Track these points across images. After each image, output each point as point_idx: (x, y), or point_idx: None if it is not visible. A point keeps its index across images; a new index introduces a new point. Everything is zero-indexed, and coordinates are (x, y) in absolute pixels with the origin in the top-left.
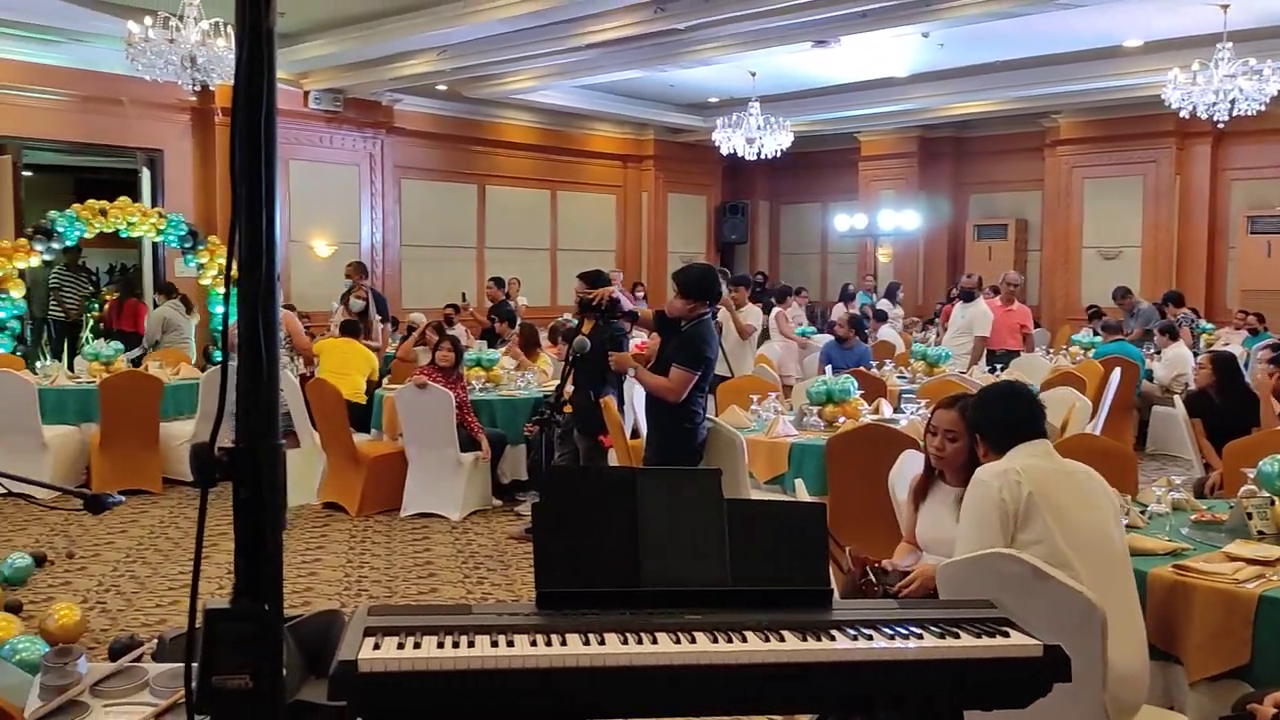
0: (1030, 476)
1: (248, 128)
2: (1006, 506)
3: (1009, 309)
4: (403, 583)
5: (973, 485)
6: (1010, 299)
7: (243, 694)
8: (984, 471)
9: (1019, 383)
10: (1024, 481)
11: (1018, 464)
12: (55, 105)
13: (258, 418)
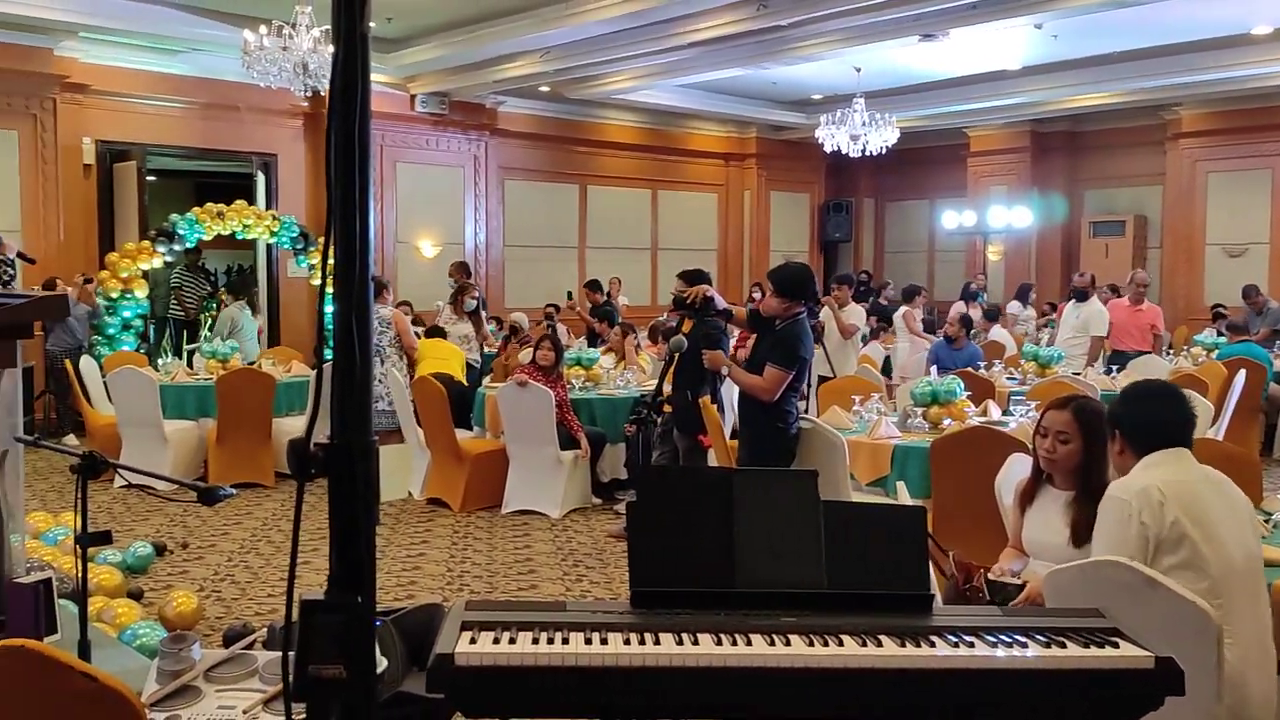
0: (1174, 494)
1: (343, 130)
2: (1147, 530)
3: (1137, 309)
4: (503, 578)
5: (1107, 501)
6: (1139, 298)
7: (337, 683)
8: (1121, 489)
9: (1173, 384)
10: (1167, 503)
11: (1158, 479)
12: (176, 113)
13: (351, 414)
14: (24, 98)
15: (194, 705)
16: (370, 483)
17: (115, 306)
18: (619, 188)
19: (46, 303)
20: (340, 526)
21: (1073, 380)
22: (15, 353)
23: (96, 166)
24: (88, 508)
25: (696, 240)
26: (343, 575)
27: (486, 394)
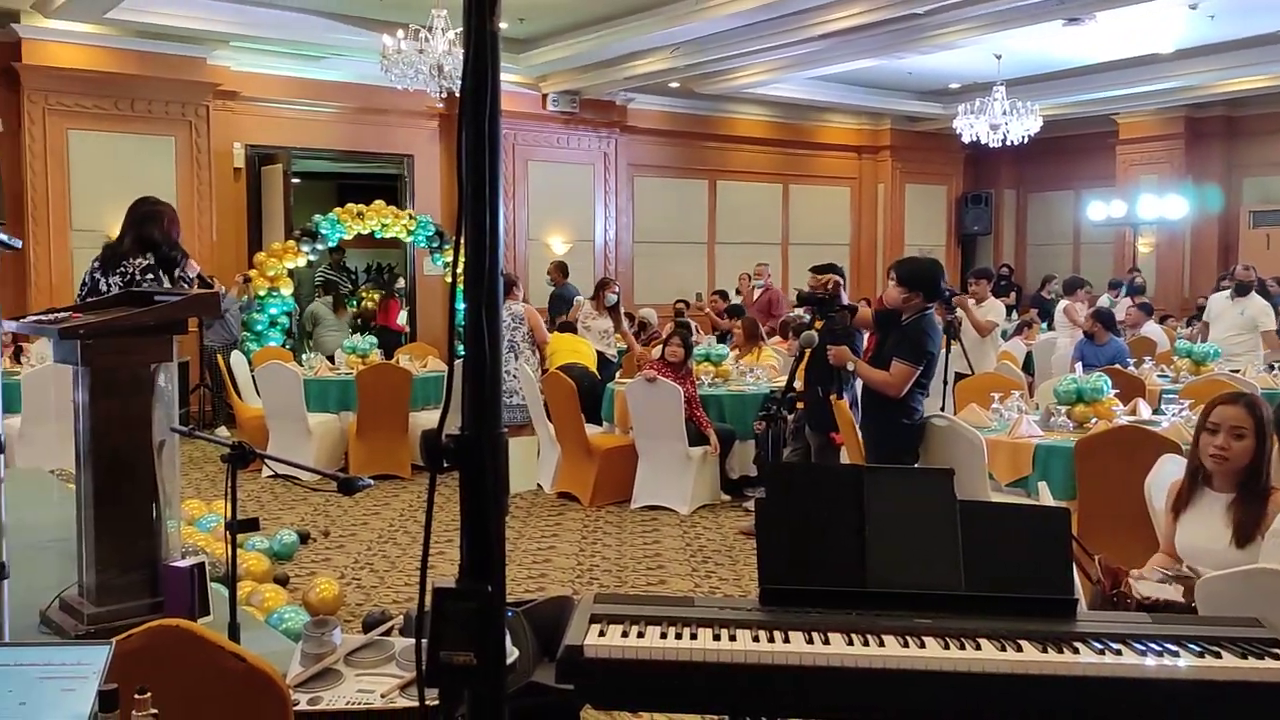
0: None
1: (473, 127)
2: None
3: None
4: (632, 573)
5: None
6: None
7: (468, 670)
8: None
9: None
10: None
11: None
12: (319, 116)
13: (481, 407)
14: (180, 105)
15: (334, 688)
16: (499, 474)
17: (263, 304)
18: (749, 182)
19: (199, 301)
20: (470, 516)
21: (1230, 378)
22: (172, 348)
23: (246, 170)
24: (237, 496)
25: (828, 235)
26: (473, 564)
27: (615, 390)
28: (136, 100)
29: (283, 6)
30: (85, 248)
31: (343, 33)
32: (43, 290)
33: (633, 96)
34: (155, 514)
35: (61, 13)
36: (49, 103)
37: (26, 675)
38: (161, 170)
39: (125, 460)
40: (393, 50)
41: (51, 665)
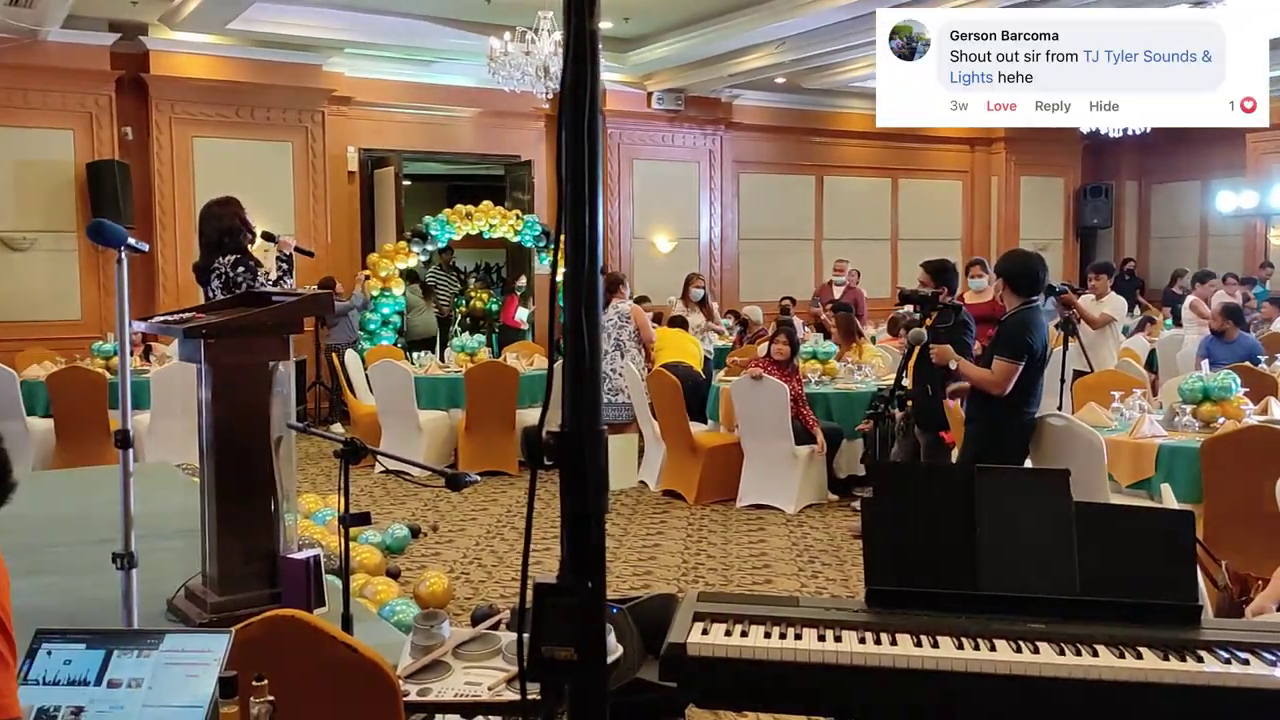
0: None
1: (573, 126)
2: None
3: None
4: (737, 572)
5: None
6: None
7: (569, 664)
8: None
9: None
10: None
11: None
12: (429, 119)
13: (581, 404)
14: (297, 111)
15: (443, 680)
16: (598, 471)
17: (375, 304)
18: (857, 177)
19: (314, 300)
20: (571, 512)
21: None
22: (289, 346)
23: (359, 173)
24: (350, 491)
25: (939, 230)
26: (574, 560)
27: (720, 388)
28: (256, 108)
29: (394, 13)
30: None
31: (451, 37)
32: (169, 292)
33: (738, 93)
34: (274, 507)
35: (186, 24)
36: (175, 111)
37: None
38: (279, 174)
39: (245, 455)
40: (499, 53)
41: (175, 652)
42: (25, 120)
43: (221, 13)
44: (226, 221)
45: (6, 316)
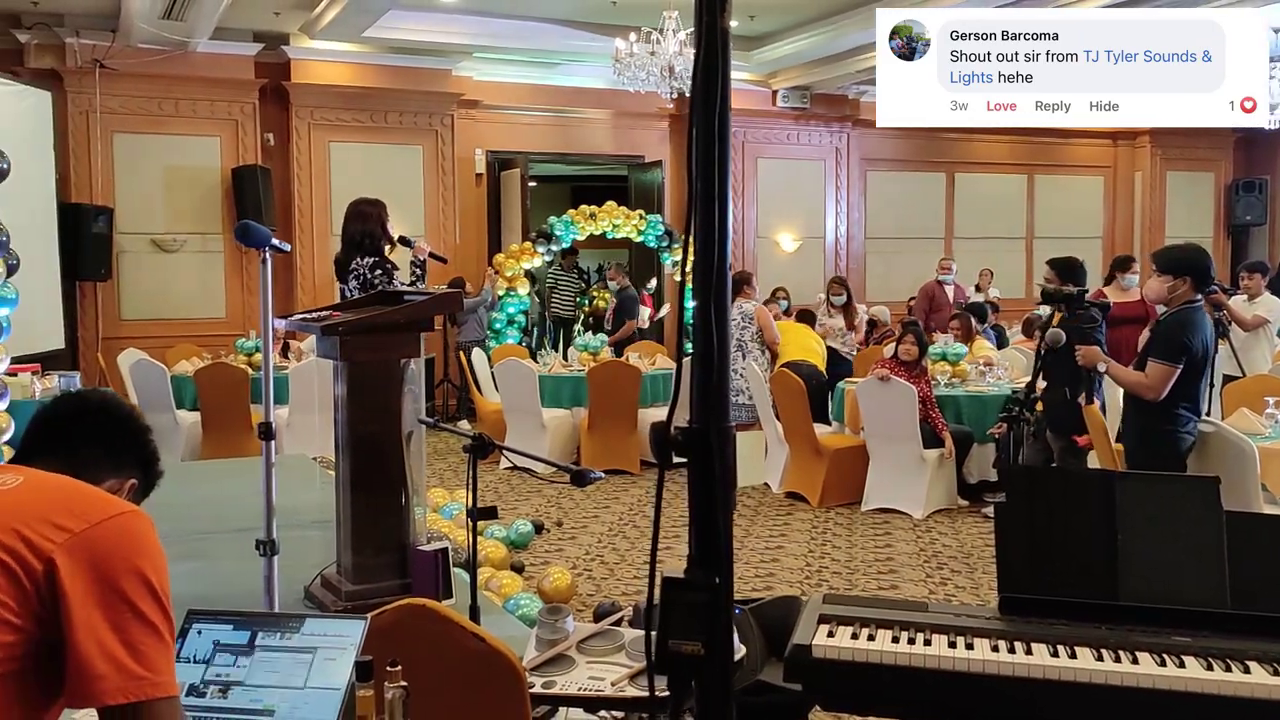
0: None
1: (704, 124)
2: None
3: None
4: (862, 576)
5: None
6: None
7: (696, 660)
8: None
9: None
10: None
11: None
12: (554, 121)
13: (709, 401)
14: (427, 115)
15: (567, 674)
16: (727, 467)
17: (501, 303)
18: (991, 174)
19: (444, 299)
20: (698, 509)
21: None
22: (419, 344)
23: (486, 175)
24: (478, 485)
25: (1078, 228)
26: (701, 556)
27: (846, 389)
28: (389, 112)
29: (521, 17)
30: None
31: (576, 39)
32: (307, 291)
33: (866, 89)
34: (404, 500)
35: (325, 33)
36: (313, 118)
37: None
38: (410, 177)
39: (378, 449)
40: (625, 53)
41: (314, 636)
42: (176, 128)
43: (358, 21)
44: (371, 224)
45: (157, 315)
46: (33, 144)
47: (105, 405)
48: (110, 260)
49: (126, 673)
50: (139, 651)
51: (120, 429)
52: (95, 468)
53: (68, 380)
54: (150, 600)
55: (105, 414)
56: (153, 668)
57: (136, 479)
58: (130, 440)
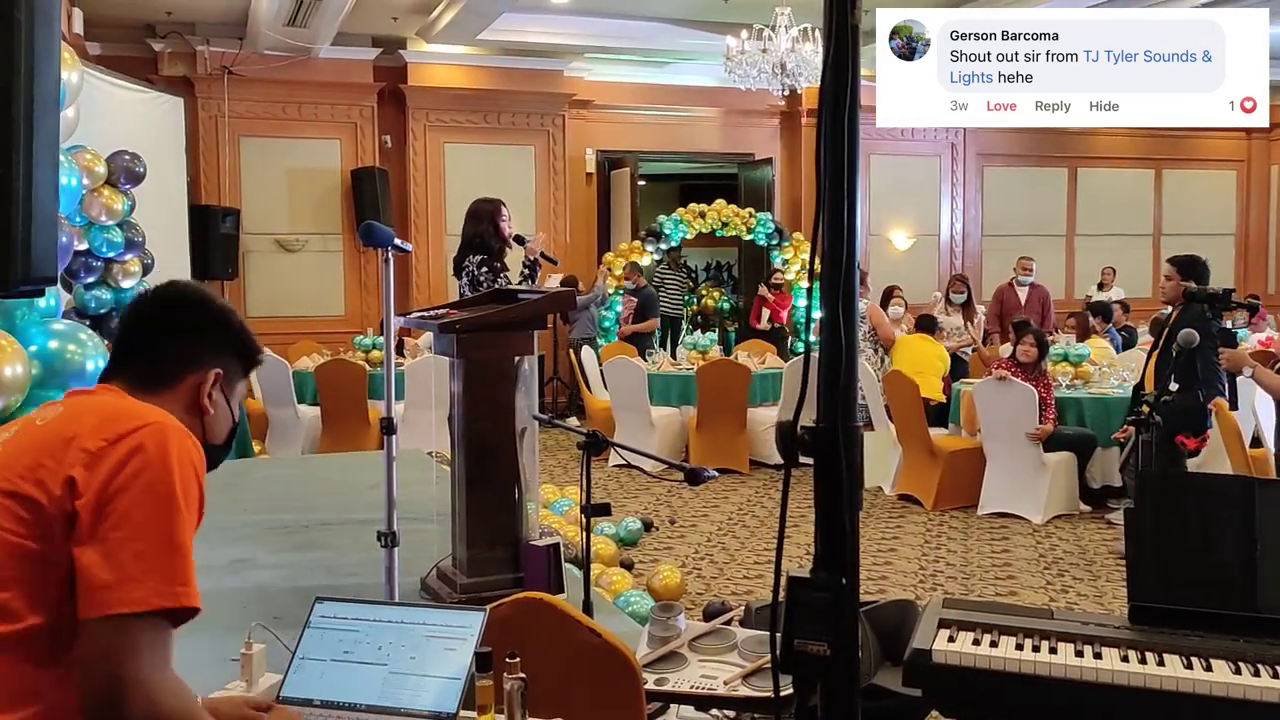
0: None
1: (832, 123)
2: None
3: None
4: (979, 581)
5: None
6: None
7: (821, 660)
8: None
9: None
10: None
11: None
12: (663, 120)
13: (837, 400)
14: (539, 116)
15: (680, 671)
16: (853, 466)
17: (610, 301)
18: (1115, 169)
19: (558, 298)
20: (824, 508)
21: None
22: (533, 342)
23: (596, 174)
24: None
25: (1209, 224)
26: (826, 556)
27: (962, 390)
28: (502, 113)
29: (632, 17)
30: None
31: (687, 38)
32: (423, 290)
33: None
34: (517, 496)
35: (441, 37)
36: (429, 120)
37: (416, 633)
38: (522, 177)
39: (492, 445)
40: (736, 51)
41: (435, 626)
42: (298, 131)
43: (473, 24)
44: (483, 224)
45: (280, 312)
46: (166, 148)
47: (181, 297)
48: (237, 260)
49: (100, 585)
50: (116, 562)
51: (195, 319)
52: (174, 364)
53: None
54: (149, 510)
55: (180, 305)
56: (128, 577)
57: (221, 368)
58: (207, 329)
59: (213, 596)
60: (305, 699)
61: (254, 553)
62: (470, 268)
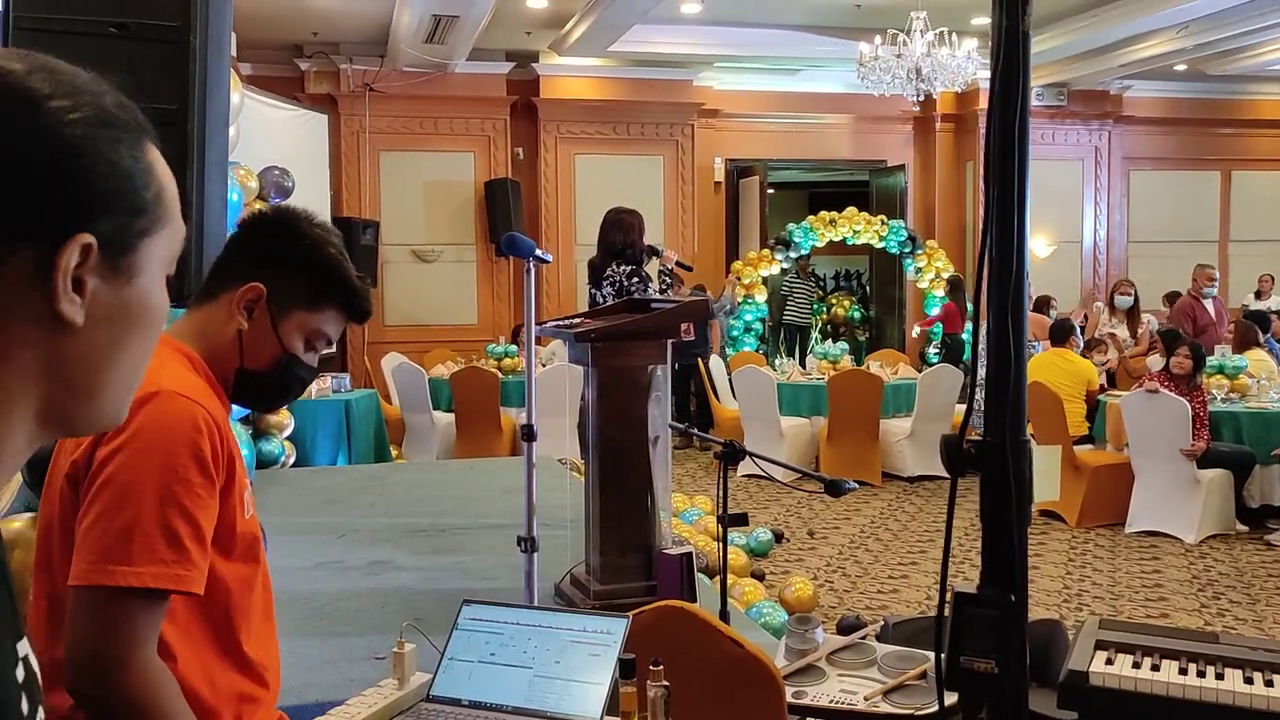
0: None
1: (1001, 129)
2: None
3: None
4: (1127, 602)
5: None
6: None
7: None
8: None
9: None
10: None
11: None
12: (793, 128)
13: (1006, 413)
14: (669, 126)
15: (818, 685)
16: (1022, 481)
17: (739, 310)
18: (1273, 171)
19: (693, 307)
20: (992, 524)
21: None
22: (666, 351)
23: (725, 183)
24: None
25: None
26: (994, 572)
27: (1108, 402)
28: (632, 124)
29: (763, 25)
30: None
31: (818, 44)
32: (552, 299)
33: (1129, 83)
34: (650, 504)
35: (573, 50)
36: (560, 131)
37: (560, 637)
38: (651, 187)
39: (625, 452)
40: (869, 57)
41: (578, 631)
42: (435, 145)
43: (605, 36)
44: (633, 235)
45: (416, 321)
46: (311, 163)
47: (269, 214)
48: (376, 270)
49: (79, 556)
50: (90, 537)
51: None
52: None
53: (338, 381)
54: (125, 486)
55: (263, 223)
56: (104, 554)
57: (271, 285)
58: (275, 246)
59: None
60: (454, 698)
61: (393, 555)
62: (617, 277)
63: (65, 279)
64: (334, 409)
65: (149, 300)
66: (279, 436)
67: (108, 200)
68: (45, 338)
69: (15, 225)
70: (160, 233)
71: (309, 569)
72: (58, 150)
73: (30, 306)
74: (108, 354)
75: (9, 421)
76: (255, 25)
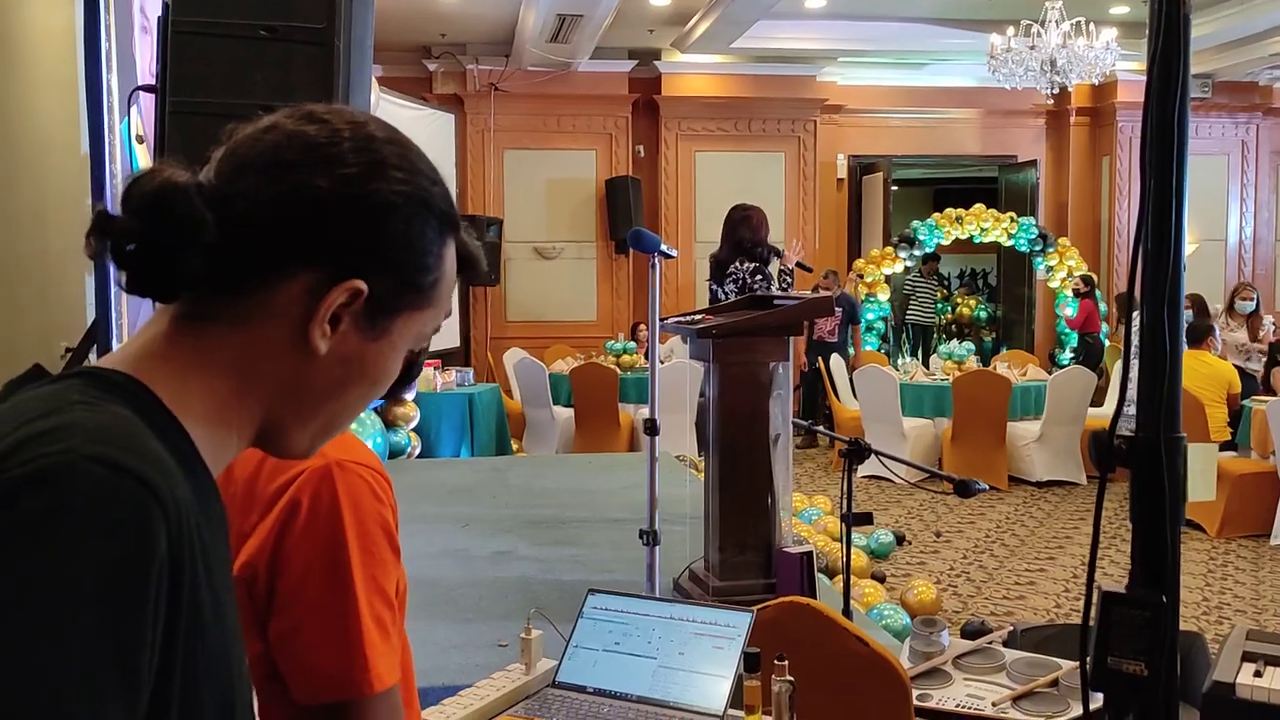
0: None
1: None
2: None
3: None
4: (1272, 616)
5: None
6: None
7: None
8: None
9: None
10: None
11: None
12: (918, 123)
13: (1159, 410)
14: (790, 122)
15: (944, 689)
16: (1176, 480)
17: (862, 309)
18: None
19: (816, 304)
20: (1142, 522)
21: None
22: (788, 348)
23: (848, 179)
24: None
25: None
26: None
27: (1253, 408)
28: (753, 120)
29: (889, 18)
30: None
31: (946, 37)
32: (670, 295)
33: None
34: (770, 502)
35: (696, 47)
36: (681, 129)
37: (684, 629)
38: (771, 184)
39: (746, 450)
40: (1001, 49)
41: (702, 623)
42: (557, 143)
43: (728, 33)
44: (762, 234)
45: (537, 317)
46: (438, 162)
47: None
48: (499, 267)
49: (302, 671)
50: (311, 649)
51: None
52: None
53: (462, 375)
54: (328, 582)
55: None
56: (339, 670)
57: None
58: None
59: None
60: (578, 685)
61: (515, 545)
62: (741, 274)
63: (327, 310)
64: (458, 402)
65: (384, 363)
66: (406, 428)
67: (394, 265)
68: (288, 354)
69: (316, 250)
70: (422, 314)
71: (435, 555)
72: (378, 207)
73: (290, 323)
74: (332, 391)
75: (239, 419)
76: (385, 27)
